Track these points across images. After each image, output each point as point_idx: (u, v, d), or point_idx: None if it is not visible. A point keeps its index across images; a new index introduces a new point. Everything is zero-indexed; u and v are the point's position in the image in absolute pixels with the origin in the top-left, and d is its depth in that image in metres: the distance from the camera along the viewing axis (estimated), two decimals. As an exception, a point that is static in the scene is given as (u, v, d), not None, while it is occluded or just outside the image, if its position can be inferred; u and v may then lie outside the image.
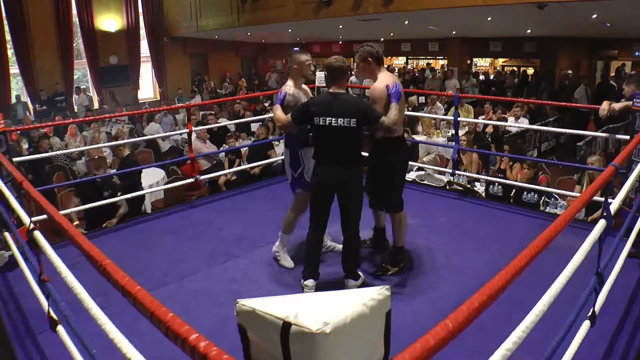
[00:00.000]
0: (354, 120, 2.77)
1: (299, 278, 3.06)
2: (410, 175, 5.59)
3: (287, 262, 3.32)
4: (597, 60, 12.10)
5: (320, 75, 5.64)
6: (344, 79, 2.90)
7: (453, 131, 5.07)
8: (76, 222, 4.30)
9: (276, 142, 6.68)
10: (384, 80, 2.97)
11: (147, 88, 14.56)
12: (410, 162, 5.70)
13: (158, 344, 1.91)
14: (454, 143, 4.84)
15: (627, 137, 3.77)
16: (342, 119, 2.78)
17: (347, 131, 2.78)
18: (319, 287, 2.95)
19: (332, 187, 2.89)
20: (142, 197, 5.00)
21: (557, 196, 4.66)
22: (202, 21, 12.32)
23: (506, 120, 7.57)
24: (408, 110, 9.10)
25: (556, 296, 1.51)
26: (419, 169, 5.81)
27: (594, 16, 7.85)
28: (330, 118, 2.80)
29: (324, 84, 3.19)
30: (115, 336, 1.37)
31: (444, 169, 5.44)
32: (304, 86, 3.37)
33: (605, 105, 3.66)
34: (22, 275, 2.68)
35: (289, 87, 3.23)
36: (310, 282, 2.92)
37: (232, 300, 1.82)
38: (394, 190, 3.12)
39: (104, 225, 4.15)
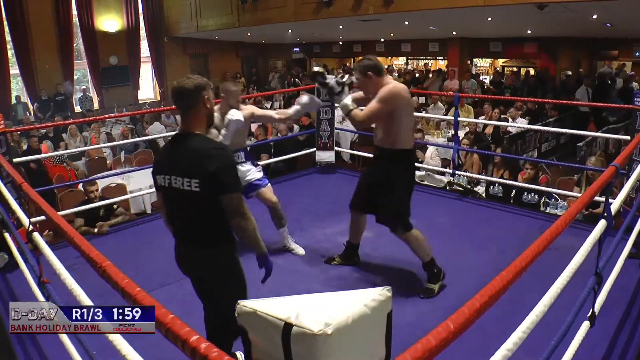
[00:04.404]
0: (196, 182, 1.81)
1: (300, 279, 3.06)
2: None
3: None
4: (597, 60, 12.09)
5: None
6: (200, 108, 1.89)
7: (453, 131, 5.07)
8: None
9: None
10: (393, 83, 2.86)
11: (147, 88, 14.56)
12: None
13: (158, 346, 1.92)
14: (453, 143, 4.85)
15: (628, 137, 3.78)
16: (179, 179, 1.84)
17: (188, 197, 1.84)
18: (322, 289, 2.95)
19: (187, 273, 2.07)
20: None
21: (557, 197, 4.66)
22: (202, 21, 12.32)
23: (507, 121, 7.57)
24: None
25: (556, 297, 1.52)
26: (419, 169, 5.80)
27: (594, 16, 7.84)
28: (167, 176, 1.88)
29: (322, 80, 3.06)
30: (115, 337, 1.37)
31: (444, 169, 5.44)
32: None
33: None
34: (22, 277, 2.68)
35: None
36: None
37: (233, 301, 1.82)
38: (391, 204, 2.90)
39: (95, 230, 4.13)
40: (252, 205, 3.57)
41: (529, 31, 10.56)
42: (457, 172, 4.91)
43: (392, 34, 13.13)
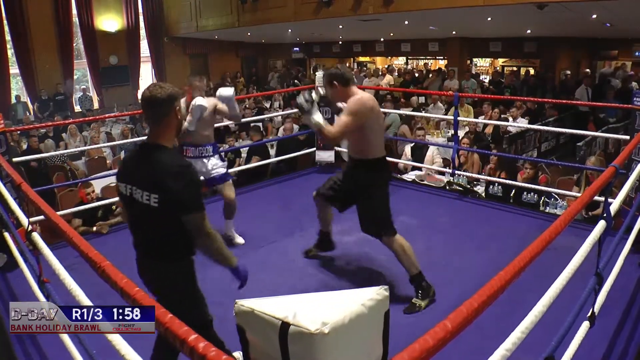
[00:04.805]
0: (155, 197, 1.77)
1: (299, 279, 3.05)
2: (410, 175, 5.59)
3: None
4: (597, 60, 12.09)
5: (320, 76, 5.65)
6: (171, 118, 1.84)
7: (453, 131, 5.07)
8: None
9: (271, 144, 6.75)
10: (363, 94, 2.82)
11: (147, 88, 14.54)
12: (415, 163, 5.74)
13: (157, 345, 1.91)
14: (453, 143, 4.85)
15: (627, 137, 3.78)
16: (140, 191, 1.81)
17: (147, 211, 1.79)
18: (320, 288, 2.95)
19: (146, 284, 1.94)
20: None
21: (556, 196, 4.65)
22: (202, 21, 12.32)
23: (507, 121, 7.56)
24: (409, 111, 9.10)
25: (556, 297, 1.52)
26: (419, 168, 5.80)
27: (594, 16, 7.84)
28: (130, 186, 1.84)
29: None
30: (114, 337, 1.37)
31: (444, 169, 5.44)
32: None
33: None
34: (22, 276, 2.68)
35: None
36: None
37: (231, 301, 1.82)
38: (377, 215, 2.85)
39: (94, 229, 4.13)
40: (243, 204, 3.57)
41: (528, 31, 10.56)
42: (457, 171, 4.92)
43: (392, 34, 13.13)
